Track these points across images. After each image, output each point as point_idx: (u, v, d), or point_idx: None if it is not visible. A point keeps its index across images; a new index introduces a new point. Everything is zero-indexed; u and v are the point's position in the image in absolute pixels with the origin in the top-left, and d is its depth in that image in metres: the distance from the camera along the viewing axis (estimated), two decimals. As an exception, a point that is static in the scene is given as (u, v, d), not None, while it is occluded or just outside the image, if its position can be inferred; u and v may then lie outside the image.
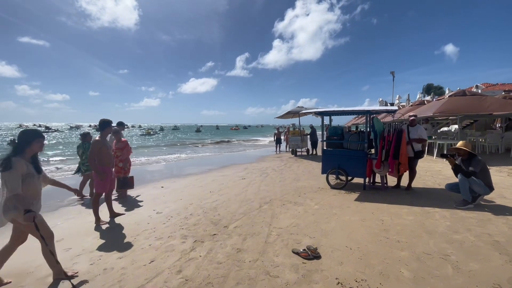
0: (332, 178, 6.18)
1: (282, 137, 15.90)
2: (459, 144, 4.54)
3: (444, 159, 4.64)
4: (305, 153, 13.22)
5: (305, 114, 13.36)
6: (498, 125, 13.78)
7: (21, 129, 2.58)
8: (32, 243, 3.53)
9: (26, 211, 2.29)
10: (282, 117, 14.80)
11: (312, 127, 13.93)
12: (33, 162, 2.53)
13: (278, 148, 15.63)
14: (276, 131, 15.82)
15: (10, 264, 2.98)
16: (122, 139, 5.87)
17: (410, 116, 5.71)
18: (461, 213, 4.12)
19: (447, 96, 11.99)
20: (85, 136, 6.07)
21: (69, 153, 18.78)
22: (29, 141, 2.48)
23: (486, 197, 4.57)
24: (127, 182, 5.47)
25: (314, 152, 13.10)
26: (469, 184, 4.27)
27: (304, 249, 2.99)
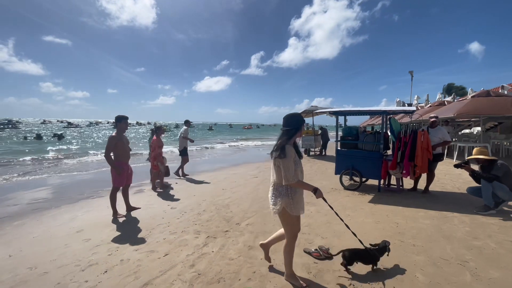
0: (345, 179, 6.09)
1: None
2: (475, 152, 4.27)
3: (459, 169, 4.41)
4: (318, 153, 13.10)
5: (319, 113, 13.21)
6: (525, 128, 13.04)
7: (289, 114, 2.41)
8: (56, 232, 3.73)
9: (314, 190, 2.29)
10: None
11: (322, 127, 13.76)
12: (295, 147, 2.46)
13: None
14: None
15: (35, 251, 3.17)
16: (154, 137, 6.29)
17: (431, 117, 5.51)
18: (481, 218, 3.95)
19: (469, 96, 11.47)
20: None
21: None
22: (299, 127, 2.37)
23: (510, 203, 4.35)
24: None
25: (324, 153, 12.97)
26: (492, 188, 4.08)
27: (316, 249, 2.97)
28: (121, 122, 4.31)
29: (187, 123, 8.16)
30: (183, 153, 7.76)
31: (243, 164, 10.64)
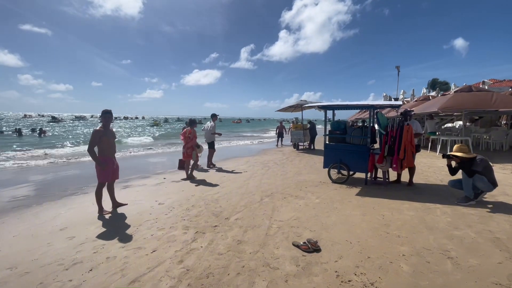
0: (333, 172, 6.18)
1: (285, 132, 15.91)
2: (455, 149, 4.42)
3: (447, 159, 4.57)
4: (307, 147, 13.22)
5: (308, 108, 13.28)
6: (503, 122, 13.62)
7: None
8: (37, 231, 3.60)
9: None
10: (284, 110, 14.71)
11: (310, 122, 13.84)
12: None
13: (279, 141, 15.65)
14: (279, 125, 15.80)
15: (15, 251, 3.05)
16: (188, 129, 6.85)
17: (406, 111, 5.68)
18: (462, 209, 4.12)
19: (452, 92, 11.82)
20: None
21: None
22: None
23: (488, 194, 4.55)
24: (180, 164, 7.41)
25: (312, 147, 13.11)
26: (472, 180, 4.24)
27: (304, 242, 3.02)
28: (102, 116, 4.18)
29: (214, 117, 8.45)
30: (211, 145, 8.34)
31: (232, 158, 10.59)
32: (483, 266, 2.56)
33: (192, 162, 6.84)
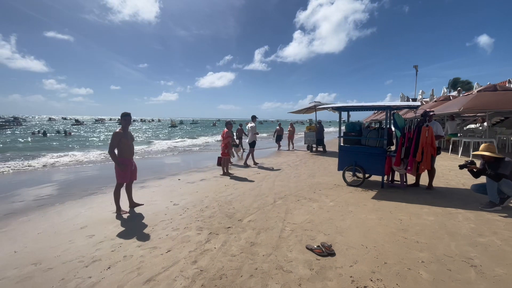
0: (348, 175, 6.06)
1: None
2: (482, 148, 4.21)
3: (465, 169, 4.37)
4: (321, 150, 12.97)
5: (322, 109, 13.10)
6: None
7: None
8: (60, 229, 3.77)
9: None
10: (297, 112, 14.56)
11: (320, 122, 13.38)
12: None
13: (278, 145, 14.56)
14: (278, 127, 14.62)
15: (39, 247, 3.20)
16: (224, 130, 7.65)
17: (428, 112, 5.47)
18: (487, 215, 3.90)
19: (475, 91, 11.28)
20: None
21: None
22: None
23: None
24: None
25: (324, 150, 12.63)
26: (497, 185, 4.02)
27: (318, 246, 2.97)
28: (121, 118, 4.33)
29: (254, 118, 9.17)
30: (252, 145, 8.96)
31: (245, 160, 10.62)
32: (510, 275, 2.41)
33: (231, 158, 7.54)
